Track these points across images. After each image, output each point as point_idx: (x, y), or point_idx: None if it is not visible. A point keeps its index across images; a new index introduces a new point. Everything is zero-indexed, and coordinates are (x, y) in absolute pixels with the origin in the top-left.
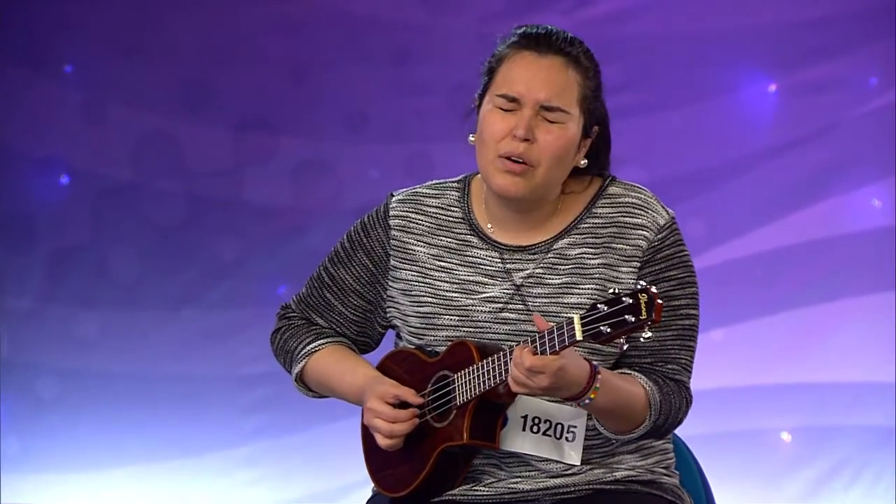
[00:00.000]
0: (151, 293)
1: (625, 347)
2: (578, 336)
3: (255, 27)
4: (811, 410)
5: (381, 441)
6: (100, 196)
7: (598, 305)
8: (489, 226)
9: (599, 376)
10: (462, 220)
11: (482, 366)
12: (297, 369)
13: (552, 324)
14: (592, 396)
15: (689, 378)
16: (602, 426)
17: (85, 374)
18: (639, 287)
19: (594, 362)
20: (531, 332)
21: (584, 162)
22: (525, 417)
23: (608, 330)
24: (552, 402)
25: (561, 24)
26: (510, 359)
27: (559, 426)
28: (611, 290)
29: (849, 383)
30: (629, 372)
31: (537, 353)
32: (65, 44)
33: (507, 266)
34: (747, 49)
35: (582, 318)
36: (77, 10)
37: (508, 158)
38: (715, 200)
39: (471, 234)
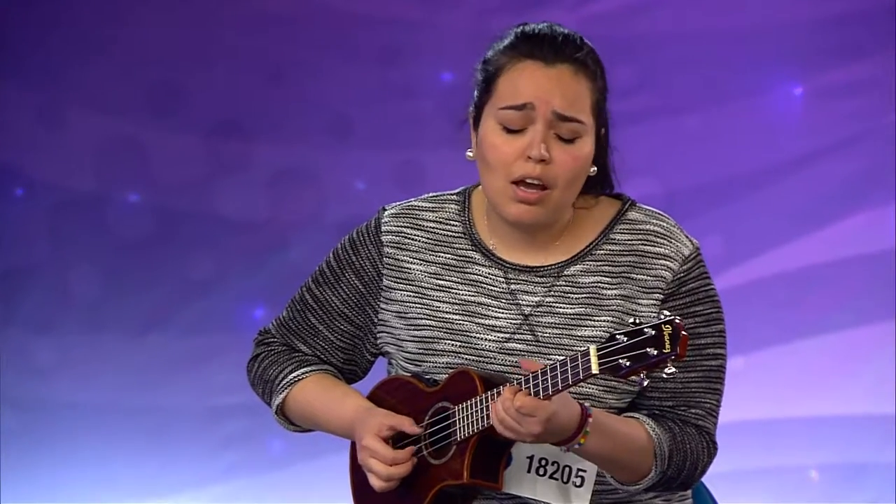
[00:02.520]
0: (115, 316)
1: (645, 384)
2: (594, 369)
3: (229, 24)
4: (842, 446)
5: (376, 483)
6: (58, 209)
7: (617, 336)
8: (491, 242)
9: (591, 419)
10: (463, 235)
11: (486, 398)
12: (277, 400)
13: (543, 364)
14: (582, 441)
15: (715, 425)
16: (606, 474)
17: (42, 406)
18: (662, 318)
19: (587, 404)
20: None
21: (593, 169)
22: (531, 458)
23: (627, 363)
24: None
25: (565, 22)
26: (530, 386)
27: (567, 469)
28: (631, 320)
29: (883, 416)
30: (638, 416)
31: (530, 395)
32: (19, 41)
33: (513, 287)
34: (770, 48)
35: (599, 350)
36: (33, 4)
37: (522, 183)
38: (734, 214)
39: (472, 250)
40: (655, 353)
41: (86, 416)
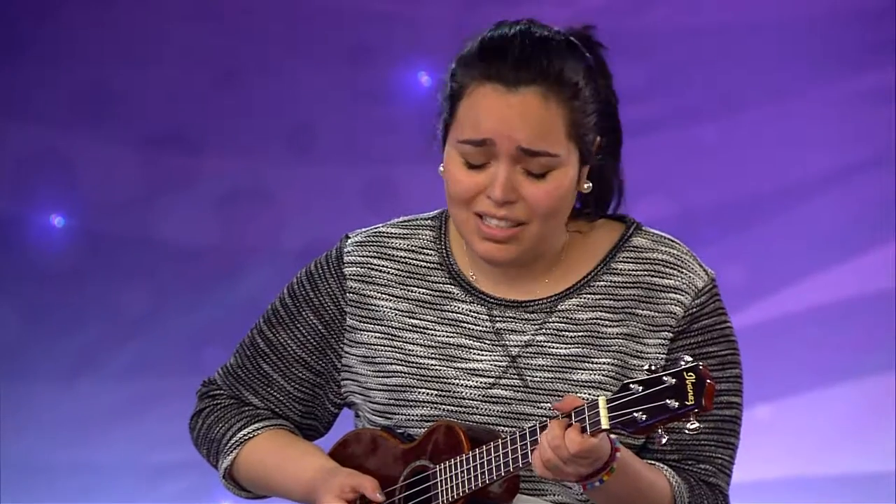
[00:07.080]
0: (38, 359)
1: (664, 441)
2: (604, 424)
3: (171, 17)
4: None
5: None
6: None
7: (632, 385)
8: (472, 274)
9: (618, 454)
10: (439, 266)
11: (473, 457)
12: (225, 462)
13: (582, 400)
14: (605, 478)
15: (727, 483)
16: None
17: None
18: (683, 363)
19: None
20: (529, 414)
21: (588, 185)
22: None
23: (644, 417)
24: (555, 502)
25: (561, 16)
26: (527, 441)
27: None
28: (647, 367)
29: None
30: (652, 462)
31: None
32: None
33: (498, 325)
34: (799, 45)
35: (609, 402)
36: None
37: (486, 218)
38: (759, 239)
39: (450, 284)
40: (676, 405)
41: (5, 475)
